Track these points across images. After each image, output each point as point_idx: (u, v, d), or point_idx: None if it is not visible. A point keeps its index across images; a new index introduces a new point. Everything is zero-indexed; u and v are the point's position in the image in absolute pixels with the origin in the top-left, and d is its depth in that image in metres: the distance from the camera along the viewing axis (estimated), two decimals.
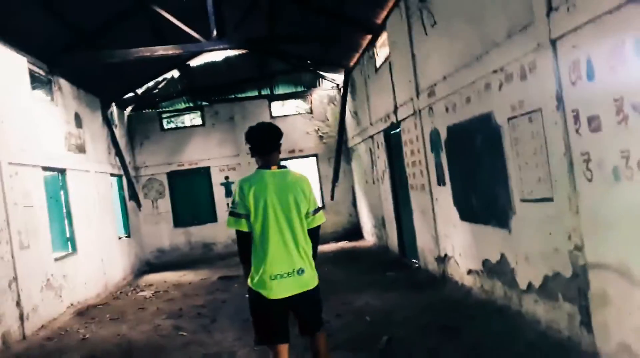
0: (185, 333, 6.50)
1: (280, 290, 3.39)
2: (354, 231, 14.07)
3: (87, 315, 8.38)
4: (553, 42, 4.00)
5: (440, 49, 6.44)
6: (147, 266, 13.60)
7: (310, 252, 3.54)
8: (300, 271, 3.43)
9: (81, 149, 10.30)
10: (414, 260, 9.07)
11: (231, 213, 3.56)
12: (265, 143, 3.63)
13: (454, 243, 6.87)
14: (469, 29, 5.52)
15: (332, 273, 8.90)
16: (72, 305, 8.73)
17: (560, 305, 4.43)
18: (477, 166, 5.74)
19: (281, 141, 3.71)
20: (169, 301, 8.78)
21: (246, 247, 3.54)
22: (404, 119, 8.43)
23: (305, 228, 3.53)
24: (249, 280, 3.52)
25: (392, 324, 5.73)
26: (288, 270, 3.41)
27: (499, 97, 5.04)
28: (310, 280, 3.49)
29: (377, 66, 9.90)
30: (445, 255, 7.24)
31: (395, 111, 8.84)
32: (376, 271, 8.95)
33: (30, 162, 7.89)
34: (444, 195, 6.97)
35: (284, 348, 3.45)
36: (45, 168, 8.51)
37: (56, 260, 8.46)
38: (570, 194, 4.03)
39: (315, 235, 3.62)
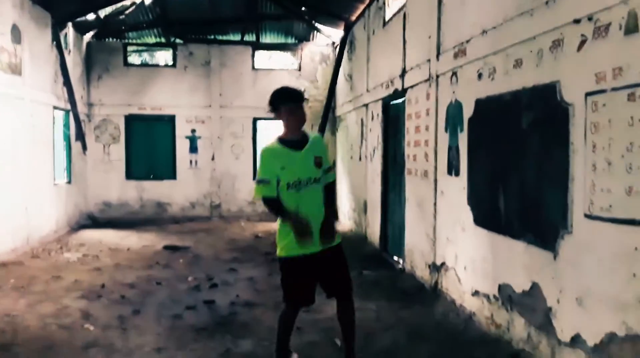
0: (91, 327, 4.85)
1: None
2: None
3: None
4: None
5: None
6: (90, 220, 11.85)
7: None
8: None
9: (15, 70, 8.38)
10: (398, 258, 7.56)
11: None
12: None
13: (458, 251, 5.33)
14: None
15: None
16: None
17: None
18: (517, 156, 4.15)
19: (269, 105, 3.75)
20: (94, 272, 7.10)
21: None
22: (412, 87, 6.77)
23: None
24: None
25: (371, 356, 4.20)
26: None
27: (575, 60, 3.41)
28: None
29: (387, 18, 8.16)
30: (443, 264, 5.71)
31: (402, 76, 7.17)
32: (351, 266, 7.30)
33: None
34: (455, 188, 5.39)
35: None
36: None
37: None
38: None
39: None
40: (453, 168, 5.44)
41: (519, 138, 4.10)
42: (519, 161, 4.12)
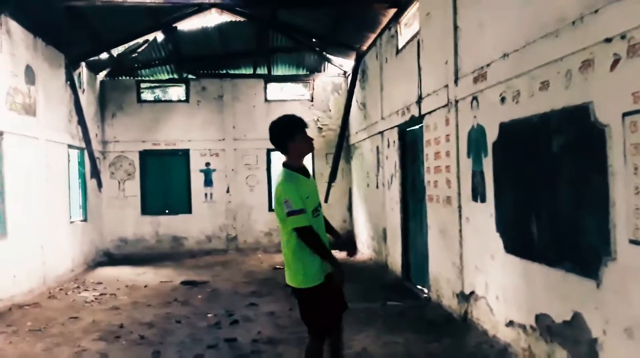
0: None
1: None
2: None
3: (4, 319, 6.57)
4: None
5: (501, 15, 4.71)
6: (106, 257, 11.75)
7: (290, 253, 3.59)
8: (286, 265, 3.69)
9: (29, 110, 8.44)
10: (421, 287, 7.35)
11: None
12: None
13: (488, 279, 5.14)
14: None
15: None
16: None
17: None
18: (550, 180, 4.01)
19: (275, 138, 3.68)
20: (111, 311, 6.97)
21: None
22: (429, 113, 6.69)
23: (286, 230, 3.58)
24: None
25: None
26: None
27: (609, 80, 3.31)
28: (289, 277, 3.66)
29: (400, 46, 8.15)
30: (472, 293, 5.51)
31: (418, 102, 7.10)
32: (374, 296, 7.19)
33: None
34: (481, 215, 5.23)
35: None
36: None
37: None
38: None
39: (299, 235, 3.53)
40: (478, 194, 5.30)
41: (550, 161, 3.96)
42: (551, 185, 3.97)
